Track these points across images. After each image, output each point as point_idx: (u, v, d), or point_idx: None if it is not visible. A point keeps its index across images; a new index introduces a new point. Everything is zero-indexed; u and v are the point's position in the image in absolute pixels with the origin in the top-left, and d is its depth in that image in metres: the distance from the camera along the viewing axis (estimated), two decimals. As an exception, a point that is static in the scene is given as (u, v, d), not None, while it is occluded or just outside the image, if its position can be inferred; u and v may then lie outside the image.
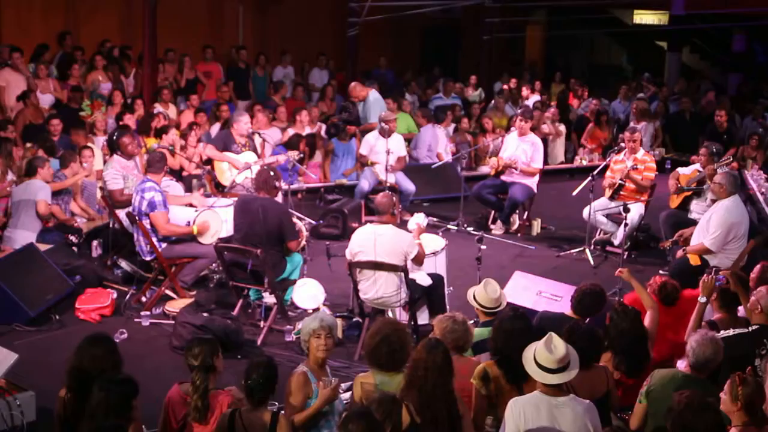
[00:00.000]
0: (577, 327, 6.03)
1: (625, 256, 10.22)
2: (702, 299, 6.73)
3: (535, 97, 17.64)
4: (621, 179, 10.92)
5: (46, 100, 13.85)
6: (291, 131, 13.83)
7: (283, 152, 11.93)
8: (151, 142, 12.48)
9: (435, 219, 11.80)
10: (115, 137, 10.44)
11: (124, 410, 5.05)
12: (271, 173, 8.81)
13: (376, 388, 5.63)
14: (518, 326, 5.85)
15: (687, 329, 6.56)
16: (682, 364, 5.95)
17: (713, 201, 9.36)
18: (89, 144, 11.66)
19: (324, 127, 14.90)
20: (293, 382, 5.64)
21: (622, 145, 11.53)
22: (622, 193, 10.99)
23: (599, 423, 5.17)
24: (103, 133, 12.40)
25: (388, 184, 11.76)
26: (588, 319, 6.76)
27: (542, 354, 5.16)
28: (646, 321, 6.70)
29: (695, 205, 10.60)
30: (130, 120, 12.59)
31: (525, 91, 18.14)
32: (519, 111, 13.35)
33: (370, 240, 7.99)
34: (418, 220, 8.59)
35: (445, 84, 18.13)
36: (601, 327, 6.40)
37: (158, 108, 13.84)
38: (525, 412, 5.11)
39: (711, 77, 23.13)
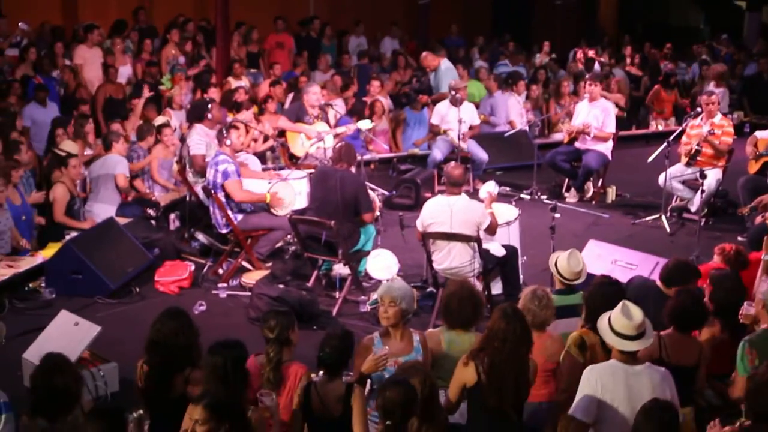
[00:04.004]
0: (690, 291, 5.98)
1: (702, 223, 10.08)
2: (766, 257, 6.73)
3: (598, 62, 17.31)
4: (698, 144, 10.74)
5: (123, 75, 14.06)
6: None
7: (349, 122, 11.96)
8: (230, 116, 12.60)
9: (507, 188, 11.73)
10: (204, 104, 10.67)
11: (238, 375, 5.14)
12: (352, 145, 8.89)
13: (443, 345, 5.82)
14: (612, 291, 5.79)
15: (754, 287, 6.52)
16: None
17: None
18: (161, 120, 11.77)
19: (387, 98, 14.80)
20: (358, 347, 5.74)
21: (699, 109, 11.31)
22: (698, 158, 10.79)
23: (676, 391, 5.11)
24: (179, 108, 12.54)
25: (461, 153, 11.74)
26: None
27: (619, 321, 5.12)
28: None
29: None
30: (215, 93, 12.69)
31: (592, 54, 17.79)
32: (587, 75, 13.17)
33: (444, 211, 7.99)
34: (489, 188, 8.55)
35: (513, 52, 17.90)
36: None
37: (239, 82, 13.93)
38: (601, 380, 5.07)
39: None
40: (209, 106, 10.69)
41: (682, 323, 5.43)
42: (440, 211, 8.02)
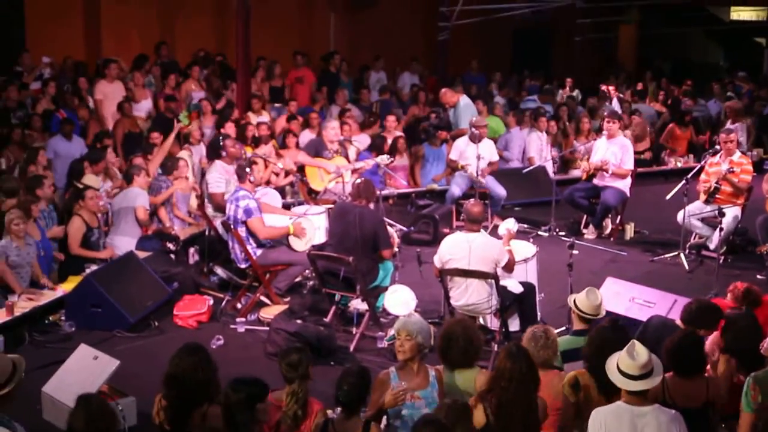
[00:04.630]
0: (690, 334, 5.95)
1: (721, 261, 10.07)
2: None
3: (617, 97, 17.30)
4: (716, 182, 10.74)
5: (142, 108, 14.21)
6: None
7: (368, 157, 12.02)
8: (248, 151, 12.69)
9: (525, 225, 11.75)
10: (220, 140, 10.77)
11: (249, 413, 5.17)
12: (372, 182, 8.95)
13: (446, 385, 5.81)
14: (615, 336, 5.76)
15: None
16: None
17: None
18: (183, 155, 11.88)
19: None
20: (375, 381, 5.75)
21: (717, 147, 11.31)
22: (717, 196, 10.79)
23: None
24: (198, 143, 12.64)
25: (479, 189, 11.78)
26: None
27: (624, 361, 5.14)
28: None
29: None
30: (230, 129, 12.82)
31: (612, 91, 17.82)
32: (605, 113, 13.21)
33: (463, 248, 8.02)
34: (509, 225, 8.59)
35: (543, 91, 17.96)
36: None
37: (261, 117, 14.05)
38: (606, 422, 5.08)
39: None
40: (223, 143, 10.78)
41: (679, 367, 5.42)
42: (459, 248, 8.04)
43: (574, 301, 6.78)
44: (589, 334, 6.05)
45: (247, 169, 9.33)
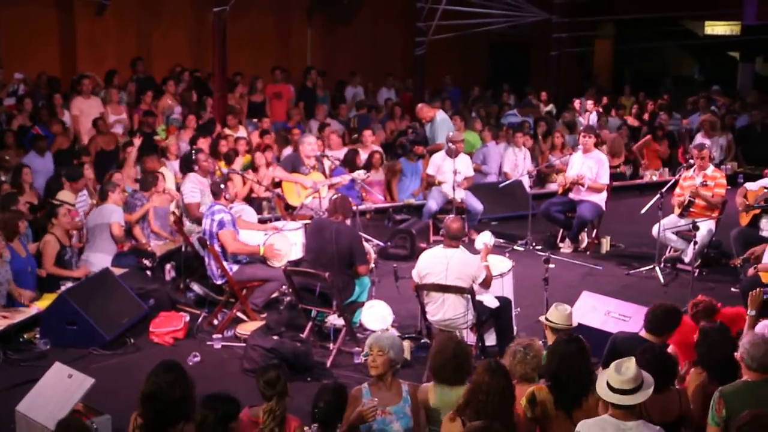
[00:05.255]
0: (650, 349, 5.99)
1: (695, 274, 10.13)
2: (751, 312, 6.74)
3: (595, 111, 17.43)
4: (690, 196, 10.81)
5: (118, 125, 14.16)
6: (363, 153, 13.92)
7: (343, 173, 12.05)
8: (222, 166, 12.69)
9: (502, 240, 11.78)
10: (192, 154, 10.80)
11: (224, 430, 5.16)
12: (348, 198, 8.96)
13: (434, 398, 5.82)
14: (572, 349, 5.75)
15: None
16: None
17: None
18: (161, 170, 11.89)
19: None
20: (349, 397, 5.75)
21: (691, 162, 11.40)
22: (692, 210, 10.87)
23: None
24: (175, 158, 12.63)
25: (456, 204, 11.81)
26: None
27: (613, 376, 5.15)
28: None
29: (765, 223, 10.44)
30: (204, 143, 12.82)
31: (589, 106, 17.97)
32: (581, 128, 13.28)
33: (441, 263, 8.04)
34: (485, 239, 8.61)
35: (523, 104, 18.06)
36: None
37: (239, 132, 14.06)
38: None
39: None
40: (195, 156, 10.79)
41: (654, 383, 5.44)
42: (437, 263, 8.07)
43: (546, 318, 6.89)
44: (548, 349, 6.05)
45: (222, 186, 9.31)
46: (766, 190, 10.55)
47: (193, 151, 11.18)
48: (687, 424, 5.84)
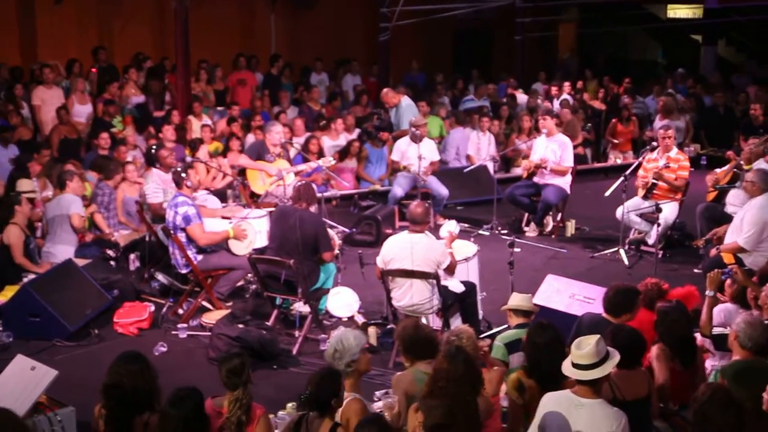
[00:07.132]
0: (620, 329, 6.04)
1: (659, 256, 10.21)
2: (709, 293, 6.85)
3: (564, 96, 17.49)
4: (653, 178, 10.87)
5: (81, 114, 14.03)
6: (328, 140, 13.85)
7: (301, 161, 12.00)
8: (188, 154, 12.60)
9: (467, 225, 11.80)
10: (153, 150, 10.68)
11: (201, 422, 5.16)
12: (312, 185, 8.93)
13: (415, 382, 5.83)
14: (547, 338, 5.83)
15: (701, 323, 6.74)
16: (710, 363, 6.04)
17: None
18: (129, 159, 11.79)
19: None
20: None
21: (654, 144, 11.46)
22: (655, 192, 10.93)
23: (627, 429, 5.15)
24: (132, 148, 12.52)
25: (421, 189, 11.81)
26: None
27: (574, 352, 5.24)
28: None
29: (731, 197, 10.44)
30: (168, 131, 12.71)
31: (554, 90, 18.01)
32: (540, 111, 13.30)
33: (405, 249, 8.05)
34: (450, 228, 8.63)
35: (477, 86, 18.11)
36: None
37: (204, 121, 13.97)
38: (547, 406, 5.19)
39: (749, 70, 22.84)
40: (156, 153, 10.68)
41: (623, 361, 5.50)
42: (401, 248, 8.07)
43: (509, 307, 6.98)
44: (524, 339, 6.08)
45: (183, 174, 9.23)
46: (735, 171, 10.64)
47: (153, 148, 11.04)
48: (658, 399, 5.96)
